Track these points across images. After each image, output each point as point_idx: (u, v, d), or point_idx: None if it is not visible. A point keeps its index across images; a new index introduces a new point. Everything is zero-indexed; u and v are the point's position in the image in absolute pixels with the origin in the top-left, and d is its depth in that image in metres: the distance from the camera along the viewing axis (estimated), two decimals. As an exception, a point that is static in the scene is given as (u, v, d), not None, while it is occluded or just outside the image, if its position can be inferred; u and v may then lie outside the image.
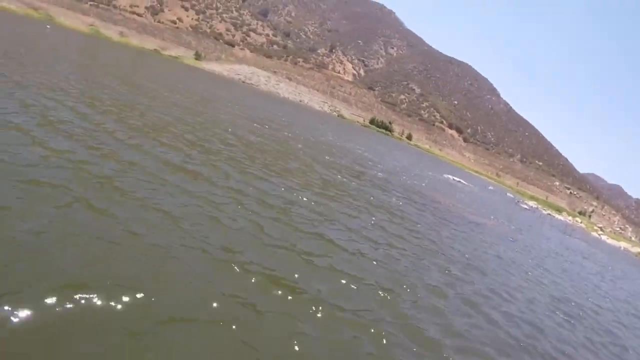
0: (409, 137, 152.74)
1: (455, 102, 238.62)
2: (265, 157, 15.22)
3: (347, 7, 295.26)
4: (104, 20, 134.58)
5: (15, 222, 5.16)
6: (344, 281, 7.04)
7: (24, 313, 3.79)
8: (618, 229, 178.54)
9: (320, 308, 5.87)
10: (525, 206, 76.37)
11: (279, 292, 5.88)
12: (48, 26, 70.86)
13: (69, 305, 4.08)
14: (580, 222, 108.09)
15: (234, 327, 4.75)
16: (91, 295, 4.28)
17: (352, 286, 6.97)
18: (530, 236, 27.39)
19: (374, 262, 8.59)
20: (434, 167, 65.06)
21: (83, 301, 4.20)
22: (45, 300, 4.01)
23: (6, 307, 3.78)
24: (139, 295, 4.57)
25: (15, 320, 3.71)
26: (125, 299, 4.44)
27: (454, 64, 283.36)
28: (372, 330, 5.81)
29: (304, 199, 11.36)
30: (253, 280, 5.91)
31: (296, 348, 4.84)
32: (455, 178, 55.27)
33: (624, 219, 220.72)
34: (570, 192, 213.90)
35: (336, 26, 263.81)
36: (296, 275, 6.52)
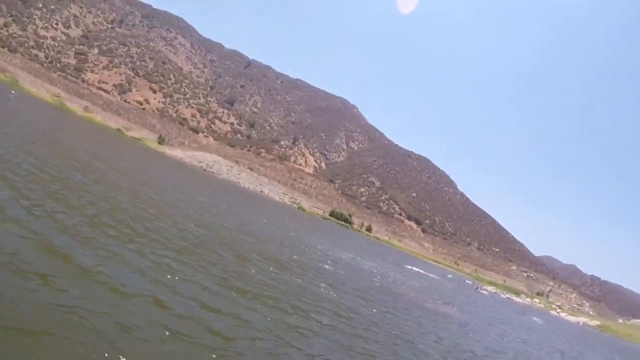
0: (369, 229, 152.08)
1: (414, 194, 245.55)
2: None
3: (311, 101, 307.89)
4: (70, 92, 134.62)
5: None
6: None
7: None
8: (576, 305, 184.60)
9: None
10: (485, 292, 78.74)
11: None
12: (12, 92, 69.67)
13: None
14: (539, 303, 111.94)
15: None
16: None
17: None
18: (487, 321, 28.23)
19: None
20: (394, 258, 65.55)
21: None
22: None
23: None
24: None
25: None
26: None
27: (413, 158, 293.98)
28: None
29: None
30: None
31: None
32: (415, 268, 55.96)
33: (580, 296, 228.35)
34: (527, 275, 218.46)
35: (300, 119, 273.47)
36: None
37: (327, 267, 21.20)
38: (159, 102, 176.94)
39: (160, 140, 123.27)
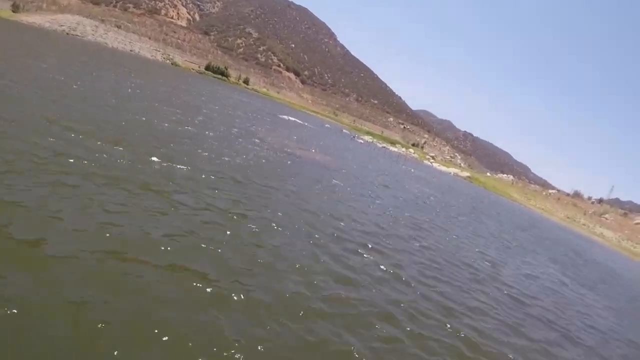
0: (246, 82, 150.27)
1: (293, 45, 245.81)
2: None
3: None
4: None
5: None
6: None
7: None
8: (448, 157, 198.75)
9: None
10: (361, 141, 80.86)
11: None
12: None
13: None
14: (414, 153, 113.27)
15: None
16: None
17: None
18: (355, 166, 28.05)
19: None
20: (271, 109, 62.53)
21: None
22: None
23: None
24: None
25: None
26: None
27: (292, 8, 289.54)
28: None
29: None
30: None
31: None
32: (292, 118, 55.84)
33: (453, 149, 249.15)
34: (404, 127, 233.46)
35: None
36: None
37: (188, 128, 17.37)
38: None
39: (15, 8, 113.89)
